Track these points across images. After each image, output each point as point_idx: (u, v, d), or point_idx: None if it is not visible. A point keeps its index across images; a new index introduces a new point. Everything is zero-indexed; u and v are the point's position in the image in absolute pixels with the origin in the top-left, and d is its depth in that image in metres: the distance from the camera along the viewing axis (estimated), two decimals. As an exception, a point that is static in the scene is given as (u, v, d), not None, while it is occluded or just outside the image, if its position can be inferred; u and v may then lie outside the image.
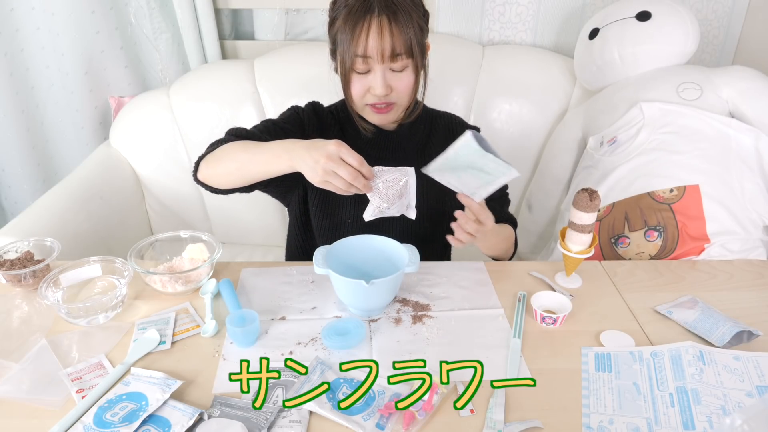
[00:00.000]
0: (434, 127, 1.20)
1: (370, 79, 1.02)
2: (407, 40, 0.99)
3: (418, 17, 1.01)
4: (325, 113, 1.18)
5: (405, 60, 1.01)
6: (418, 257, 0.97)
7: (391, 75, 1.02)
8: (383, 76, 1.01)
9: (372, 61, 1.00)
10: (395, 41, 0.98)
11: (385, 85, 1.02)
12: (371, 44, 0.98)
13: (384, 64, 1.00)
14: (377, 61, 1.00)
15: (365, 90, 1.04)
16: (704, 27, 1.75)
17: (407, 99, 1.07)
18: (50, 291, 0.98)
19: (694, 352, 0.88)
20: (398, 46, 0.99)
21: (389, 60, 1.00)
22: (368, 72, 1.02)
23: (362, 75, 1.03)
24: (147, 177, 1.73)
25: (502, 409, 0.79)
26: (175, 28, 1.77)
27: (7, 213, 2.03)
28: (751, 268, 1.15)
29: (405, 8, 0.99)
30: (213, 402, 0.80)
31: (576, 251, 1.04)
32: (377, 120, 1.09)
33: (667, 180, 1.27)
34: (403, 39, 0.98)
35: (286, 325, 0.97)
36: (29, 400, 0.80)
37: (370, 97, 1.05)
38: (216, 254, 1.06)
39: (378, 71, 1.01)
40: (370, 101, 1.05)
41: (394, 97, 1.05)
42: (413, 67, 1.03)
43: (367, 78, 1.03)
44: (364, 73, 1.02)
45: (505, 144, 1.72)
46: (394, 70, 1.02)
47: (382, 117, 1.08)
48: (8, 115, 1.80)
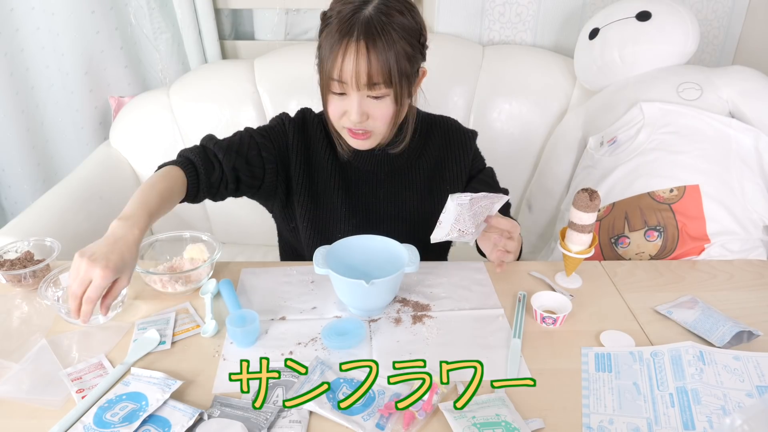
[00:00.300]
0: (430, 134, 1.16)
1: (346, 103, 0.98)
2: (385, 69, 0.93)
3: (405, 45, 0.94)
4: (314, 123, 1.14)
5: (384, 89, 0.95)
6: (418, 257, 0.97)
7: (369, 102, 0.97)
8: (359, 103, 0.96)
9: (347, 86, 0.95)
10: (372, 69, 0.92)
11: (361, 112, 0.97)
12: (346, 69, 0.93)
13: (360, 91, 0.95)
14: (353, 88, 0.95)
15: (342, 112, 1.00)
16: (704, 27, 1.75)
17: (385, 128, 1.02)
18: (50, 291, 0.98)
19: (694, 352, 0.88)
20: (375, 75, 0.93)
21: (365, 87, 0.95)
22: (344, 94, 0.98)
23: (339, 97, 0.98)
24: (147, 177, 1.73)
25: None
26: (175, 28, 1.77)
27: (7, 213, 2.03)
28: (751, 268, 1.15)
29: (389, 34, 0.92)
30: (213, 402, 0.80)
31: (576, 251, 1.04)
32: (355, 144, 1.05)
33: (667, 180, 1.27)
34: (380, 67, 0.92)
35: (286, 325, 0.97)
36: (29, 400, 0.80)
37: (346, 120, 1.00)
38: (216, 254, 1.06)
39: (354, 97, 0.96)
40: (347, 125, 1.01)
41: (371, 125, 1.00)
42: (393, 97, 0.97)
43: (343, 101, 0.98)
44: (340, 95, 0.98)
45: (505, 144, 1.72)
46: (373, 97, 0.97)
47: (359, 143, 1.04)
48: (8, 115, 1.80)
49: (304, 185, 1.13)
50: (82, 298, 0.82)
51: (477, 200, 0.93)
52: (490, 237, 0.99)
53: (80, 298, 0.82)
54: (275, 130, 1.12)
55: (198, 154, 1.02)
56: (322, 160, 1.13)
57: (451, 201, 0.93)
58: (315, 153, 1.13)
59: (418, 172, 1.16)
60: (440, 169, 1.17)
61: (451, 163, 1.17)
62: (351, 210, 1.14)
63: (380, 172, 1.14)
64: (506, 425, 0.74)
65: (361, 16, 0.93)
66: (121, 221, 0.89)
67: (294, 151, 1.12)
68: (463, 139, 1.18)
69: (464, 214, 0.93)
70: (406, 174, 1.15)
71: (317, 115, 1.16)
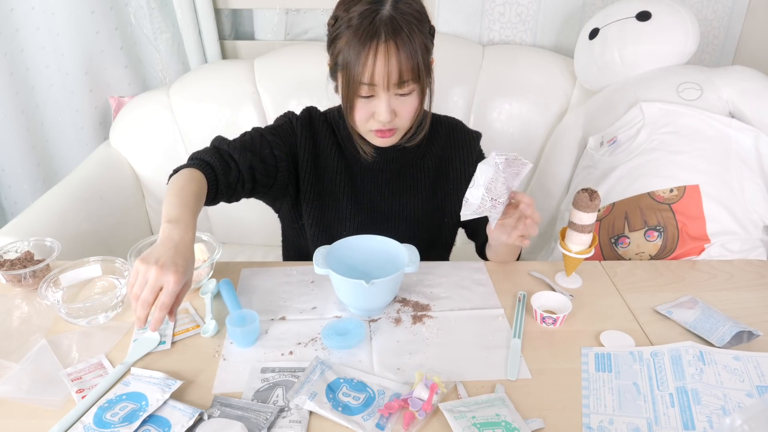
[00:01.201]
0: (435, 133, 1.17)
1: (374, 104, 0.98)
2: (414, 65, 0.94)
3: (423, 37, 0.96)
4: (320, 121, 1.14)
5: (411, 85, 0.96)
6: (418, 257, 0.97)
7: (396, 100, 0.98)
8: (388, 103, 0.96)
9: (377, 88, 0.95)
10: (402, 68, 0.93)
11: (390, 111, 0.97)
12: (378, 72, 0.93)
13: (390, 91, 0.96)
14: (383, 89, 0.95)
15: (369, 115, 1.00)
16: (704, 27, 1.75)
17: (410, 123, 1.03)
18: (50, 291, 0.98)
19: (694, 352, 0.88)
20: (405, 73, 0.94)
21: (395, 87, 0.95)
22: (372, 97, 0.97)
23: (366, 100, 0.98)
24: (147, 177, 1.73)
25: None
26: (175, 28, 1.77)
27: (7, 213, 2.03)
28: (751, 268, 1.15)
29: (411, 29, 0.93)
30: (213, 402, 0.80)
31: (576, 251, 1.04)
32: (380, 143, 1.05)
33: (667, 180, 1.27)
34: (410, 64, 0.94)
35: (286, 325, 0.97)
36: (29, 400, 0.80)
37: (374, 123, 1.00)
38: (216, 254, 1.06)
39: (383, 98, 0.96)
40: (374, 127, 1.01)
41: (397, 122, 1.00)
42: (419, 90, 0.98)
43: (371, 103, 0.98)
44: (367, 98, 0.98)
45: (505, 144, 1.72)
46: (400, 94, 0.97)
47: (384, 140, 1.04)
48: (8, 115, 1.80)
49: (311, 183, 1.13)
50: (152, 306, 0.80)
51: (510, 162, 0.88)
52: (504, 222, 0.97)
53: (150, 306, 0.80)
54: (284, 129, 1.12)
55: (213, 155, 1.02)
56: (329, 157, 1.13)
57: (483, 164, 0.88)
58: (322, 151, 1.14)
59: (423, 171, 1.16)
60: (444, 169, 1.17)
61: (456, 162, 1.17)
62: (356, 207, 1.14)
63: (386, 169, 1.14)
64: (506, 425, 0.74)
65: (381, 16, 0.93)
66: (172, 224, 0.86)
67: (302, 148, 1.12)
68: (467, 139, 1.19)
69: (499, 178, 0.89)
70: (411, 172, 1.16)
71: (322, 114, 1.16)
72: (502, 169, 0.89)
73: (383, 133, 1.02)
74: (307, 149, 1.12)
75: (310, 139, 1.12)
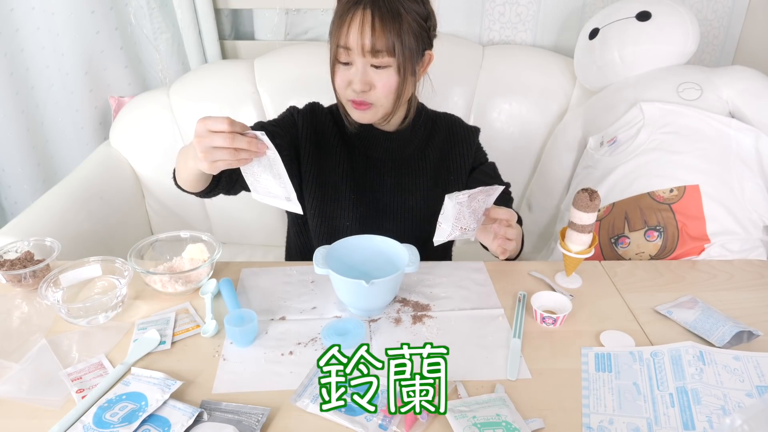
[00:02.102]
0: (435, 129, 1.19)
1: (351, 72, 1.01)
2: (389, 38, 0.97)
3: (412, 20, 0.99)
4: (324, 113, 1.17)
5: (386, 58, 0.99)
6: (418, 257, 0.97)
7: (372, 71, 1.01)
8: (362, 71, 1.00)
9: (353, 53, 0.99)
10: (376, 36, 0.97)
11: (364, 81, 1.00)
12: (352, 36, 0.98)
13: (364, 57, 0.99)
14: (357, 54, 0.99)
15: (347, 83, 1.03)
16: (704, 27, 1.75)
17: (387, 102, 1.04)
18: (50, 291, 0.98)
19: (694, 352, 0.88)
20: (379, 43, 0.97)
21: (370, 55, 0.99)
22: (350, 64, 1.01)
23: (345, 67, 1.02)
24: (147, 177, 1.73)
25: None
26: (175, 28, 1.77)
27: (7, 213, 2.03)
28: (751, 268, 1.15)
29: (395, 8, 0.97)
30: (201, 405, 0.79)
31: (576, 251, 1.04)
32: (356, 117, 1.08)
33: (667, 180, 1.27)
34: (384, 35, 0.97)
35: (286, 325, 0.97)
36: (29, 400, 0.80)
37: (350, 92, 1.03)
38: (216, 254, 1.06)
39: (358, 65, 1.00)
40: (350, 96, 1.04)
41: (372, 96, 1.03)
42: (396, 68, 1.00)
43: (349, 71, 1.02)
44: (346, 65, 1.02)
45: (505, 144, 1.72)
46: (375, 66, 1.01)
47: (360, 114, 1.06)
48: (8, 115, 1.80)
49: (313, 174, 1.15)
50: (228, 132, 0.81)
51: (474, 195, 0.93)
52: (488, 228, 0.99)
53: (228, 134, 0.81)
54: (285, 120, 1.15)
55: None
56: (331, 148, 1.15)
57: (449, 201, 0.93)
58: (324, 142, 1.15)
59: (424, 163, 1.17)
60: (445, 162, 1.19)
61: (456, 156, 1.19)
62: (358, 198, 1.15)
63: (388, 160, 1.15)
64: (507, 425, 0.74)
65: None
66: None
67: (304, 139, 1.14)
68: (466, 134, 1.21)
69: (464, 212, 0.94)
70: (413, 165, 1.17)
71: (327, 107, 1.19)
72: (466, 205, 0.93)
73: (358, 105, 1.05)
74: (309, 139, 1.14)
75: (311, 129, 1.15)
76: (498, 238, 0.98)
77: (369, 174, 1.16)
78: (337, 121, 1.16)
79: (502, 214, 0.97)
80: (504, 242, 0.98)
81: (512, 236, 0.98)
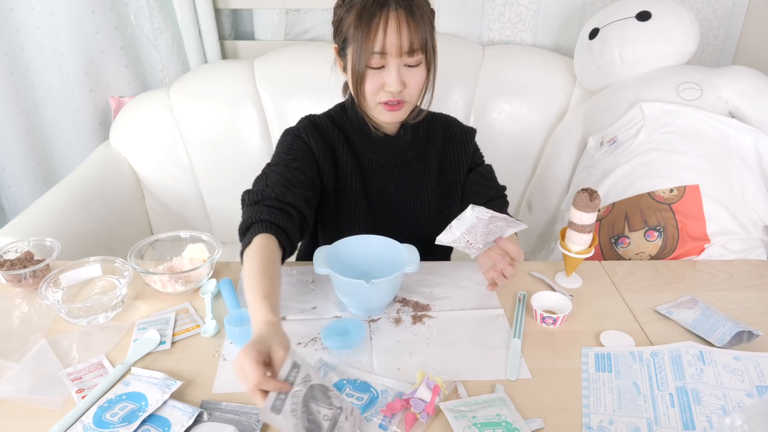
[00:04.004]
0: (432, 129, 1.19)
1: (384, 75, 1.00)
2: (423, 35, 0.97)
3: (429, 14, 1.01)
4: (324, 122, 1.13)
5: (420, 55, 0.99)
6: (418, 257, 0.97)
7: (406, 71, 1.00)
8: (398, 72, 0.99)
9: (388, 57, 0.98)
10: (413, 35, 0.96)
11: (400, 81, 0.99)
12: (389, 39, 0.96)
13: (401, 58, 0.98)
14: (394, 56, 0.97)
15: (379, 87, 1.01)
16: (704, 27, 1.75)
17: (416, 97, 1.05)
18: (50, 291, 0.98)
19: (694, 352, 0.88)
20: (415, 41, 0.97)
21: (406, 55, 0.98)
22: (382, 68, 1.00)
23: (376, 72, 1.00)
24: (147, 177, 1.73)
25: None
26: (175, 28, 1.77)
27: (7, 213, 2.03)
28: (751, 268, 1.15)
29: (418, 5, 0.98)
30: (201, 405, 0.79)
31: (576, 251, 1.04)
32: (389, 118, 1.06)
33: (667, 180, 1.27)
34: (419, 33, 0.97)
35: (286, 325, 0.96)
36: (29, 400, 0.80)
37: (383, 94, 1.02)
38: (216, 254, 1.06)
39: (393, 67, 0.98)
40: (383, 99, 1.03)
41: (405, 94, 1.02)
42: (426, 64, 1.01)
43: (380, 74, 1.00)
44: (377, 69, 1.00)
45: (505, 144, 1.72)
46: (409, 65, 1.00)
47: (393, 115, 1.05)
48: (8, 115, 1.80)
49: (331, 185, 1.12)
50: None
51: (495, 219, 0.94)
52: (491, 255, 1.00)
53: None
54: (298, 147, 1.09)
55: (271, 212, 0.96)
56: (342, 156, 1.13)
57: (470, 211, 0.93)
58: (335, 152, 1.13)
59: (426, 166, 1.17)
60: (444, 163, 1.19)
61: (453, 156, 1.19)
62: (369, 205, 1.15)
63: (393, 165, 1.15)
64: (507, 425, 0.74)
65: None
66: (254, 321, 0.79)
67: (321, 157, 1.10)
68: (463, 134, 1.20)
69: (478, 228, 0.94)
70: (416, 167, 1.17)
71: (323, 115, 1.16)
72: (484, 223, 0.94)
73: (392, 107, 1.03)
74: (326, 156, 1.10)
75: (322, 143, 1.10)
76: (495, 270, 0.99)
77: (376, 180, 1.15)
78: (341, 127, 1.14)
79: (512, 250, 0.98)
80: (499, 277, 0.99)
81: (509, 275, 0.99)
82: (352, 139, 1.13)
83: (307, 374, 0.71)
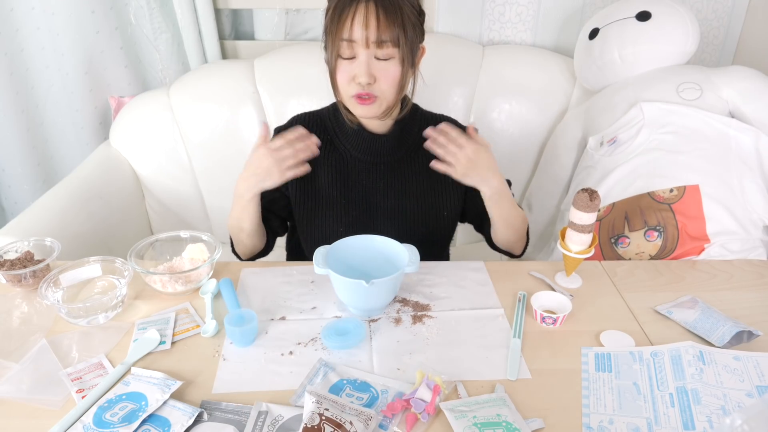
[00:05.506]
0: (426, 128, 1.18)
1: (355, 66, 1.01)
2: (393, 28, 0.99)
3: (410, 12, 1.01)
4: (310, 121, 1.16)
5: (390, 49, 1.00)
6: (418, 257, 0.97)
7: (376, 64, 1.01)
8: (367, 63, 1.00)
9: (357, 46, 0.99)
10: (381, 27, 0.98)
11: (369, 72, 1.00)
12: (356, 28, 0.98)
13: (369, 49, 0.99)
14: (362, 46, 0.99)
15: (350, 78, 1.02)
16: (704, 27, 1.75)
17: (391, 93, 1.05)
18: (50, 291, 0.98)
19: (694, 352, 0.88)
20: (384, 33, 0.98)
21: (374, 46, 0.99)
22: (353, 59, 1.01)
23: (348, 62, 1.01)
24: (147, 177, 1.73)
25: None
26: (175, 28, 1.77)
27: (7, 213, 2.03)
28: (751, 268, 1.15)
29: (395, 0, 0.99)
30: (201, 405, 0.79)
31: (576, 251, 1.04)
32: (361, 112, 1.07)
33: (667, 180, 1.27)
34: (389, 27, 0.98)
35: (286, 325, 0.97)
36: (29, 400, 0.80)
37: (354, 86, 1.03)
38: (216, 254, 1.06)
39: (362, 56, 1.00)
40: (354, 91, 1.04)
41: (377, 89, 1.03)
42: (399, 59, 1.02)
43: (351, 65, 1.01)
44: (349, 59, 1.01)
45: (505, 144, 1.72)
46: (379, 57, 1.01)
47: (365, 109, 1.05)
48: (8, 115, 1.80)
49: (298, 182, 1.13)
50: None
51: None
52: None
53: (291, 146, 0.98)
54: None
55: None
56: (320, 155, 1.12)
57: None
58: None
59: (418, 165, 1.16)
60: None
61: None
62: (349, 202, 1.14)
63: (380, 163, 1.15)
64: (507, 425, 0.74)
65: None
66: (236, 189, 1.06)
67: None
68: None
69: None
70: (406, 166, 1.16)
71: (313, 113, 1.18)
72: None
73: (363, 100, 1.04)
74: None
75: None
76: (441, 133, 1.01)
77: (361, 177, 1.15)
78: (326, 124, 1.15)
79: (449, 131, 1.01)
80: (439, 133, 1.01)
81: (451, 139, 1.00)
82: (339, 137, 1.14)
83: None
